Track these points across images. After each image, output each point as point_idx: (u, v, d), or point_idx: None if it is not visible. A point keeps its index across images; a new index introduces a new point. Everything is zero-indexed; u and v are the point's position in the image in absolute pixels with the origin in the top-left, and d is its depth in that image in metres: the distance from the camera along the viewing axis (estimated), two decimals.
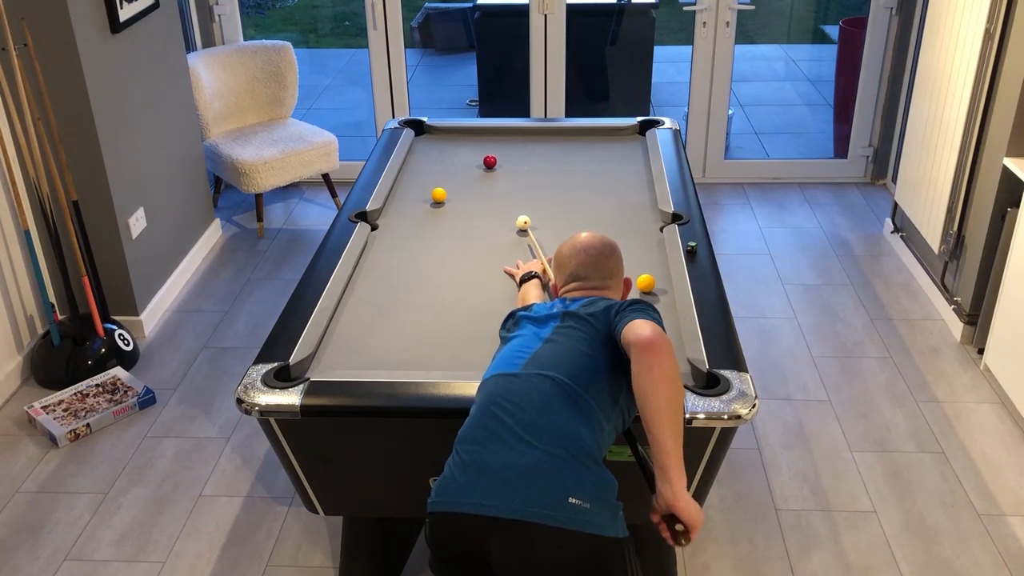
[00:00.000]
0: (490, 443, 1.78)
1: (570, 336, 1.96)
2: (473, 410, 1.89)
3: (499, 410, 1.83)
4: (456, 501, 1.73)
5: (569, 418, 1.80)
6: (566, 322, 2.01)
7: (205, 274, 4.33)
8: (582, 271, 2.21)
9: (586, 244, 2.23)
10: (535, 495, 1.69)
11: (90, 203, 3.57)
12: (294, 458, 2.15)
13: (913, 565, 2.68)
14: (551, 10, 4.80)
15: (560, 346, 1.94)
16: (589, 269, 2.20)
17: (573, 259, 2.22)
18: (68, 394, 3.39)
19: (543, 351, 1.94)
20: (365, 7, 4.80)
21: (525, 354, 1.95)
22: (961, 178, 3.69)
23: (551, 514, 1.68)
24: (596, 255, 2.22)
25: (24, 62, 3.27)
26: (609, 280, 2.20)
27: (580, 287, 2.20)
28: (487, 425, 1.82)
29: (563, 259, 2.25)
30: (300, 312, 2.38)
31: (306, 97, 7.00)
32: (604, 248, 2.24)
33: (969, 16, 3.59)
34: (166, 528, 2.85)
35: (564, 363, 1.90)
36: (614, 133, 3.65)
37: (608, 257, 2.22)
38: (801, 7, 9.15)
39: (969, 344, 3.68)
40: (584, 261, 2.21)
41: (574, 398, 1.84)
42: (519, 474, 1.72)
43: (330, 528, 2.84)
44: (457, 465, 1.79)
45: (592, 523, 1.69)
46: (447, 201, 3.10)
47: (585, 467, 1.75)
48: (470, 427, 1.85)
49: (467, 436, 1.83)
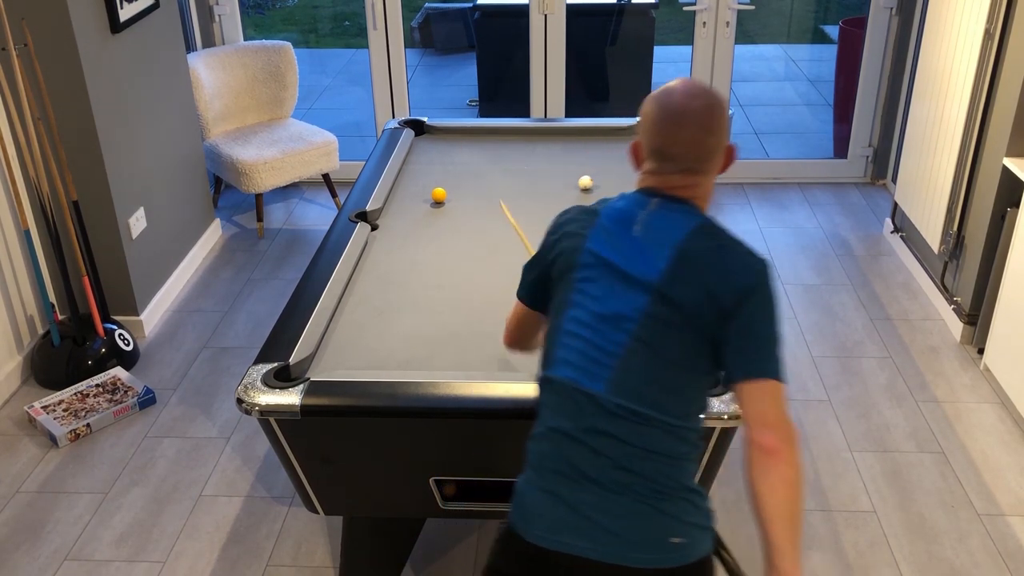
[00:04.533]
0: (583, 481, 1.60)
1: (665, 337, 1.60)
2: (550, 423, 1.65)
3: (589, 449, 1.60)
4: (548, 538, 1.60)
5: (668, 457, 1.61)
6: (659, 310, 1.60)
7: (205, 274, 4.33)
8: (670, 148, 1.64)
9: (679, 109, 1.62)
10: (634, 539, 1.58)
11: (90, 203, 3.57)
12: (294, 458, 2.15)
13: (913, 565, 2.68)
14: (551, 10, 4.80)
15: (652, 356, 1.60)
16: (681, 147, 1.63)
17: (659, 130, 1.64)
18: (68, 394, 3.39)
19: (632, 361, 1.60)
20: (365, 7, 4.80)
21: (609, 359, 1.62)
22: (961, 178, 3.69)
23: (652, 557, 1.58)
24: (695, 129, 1.62)
25: (24, 62, 3.27)
26: (707, 163, 1.65)
27: (663, 175, 1.67)
28: (575, 462, 1.61)
29: (647, 124, 1.67)
30: (300, 312, 2.38)
31: (306, 97, 7.00)
32: (705, 116, 1.62)
33: (969, 16, 3.59)
34: (166, 528, 2.85)
35: (658, 387, 1.60)
36: (614, 133, 3.65)
37: (710, 132, 1.62)
38: (801, 7, 9.15)
39: (969, 344, 3.68)
40: (675, 137, 1.63)
41: (671, 431, 1.61)
42: (616, 516, 1.58)
43: (330, 528, 2.84)
44: (544, 494, 1.62)
45: (691, 553, 1.60)
46: (447, 201, 3.10)
47: (684, 500, 1.62)
48: (554, 455, 1.63)
49: (552, 465, 1.63)
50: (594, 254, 1.68)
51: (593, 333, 1.64)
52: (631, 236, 1.66)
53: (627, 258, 1.64)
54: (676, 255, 1.62)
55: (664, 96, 1.66)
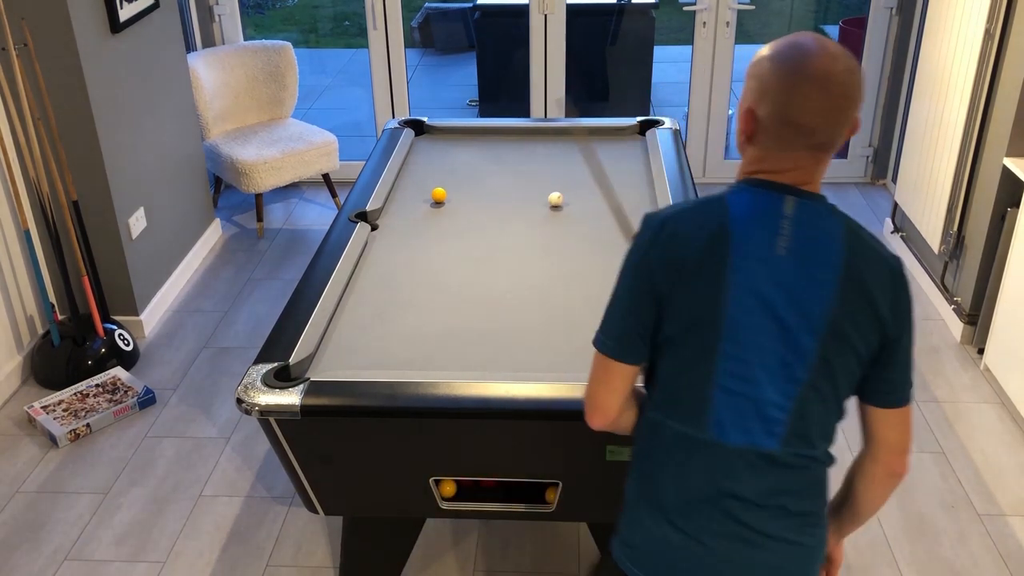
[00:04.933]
0: (764, 540, 1.46)
1: (836, 375, 1.41)
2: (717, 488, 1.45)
3: (770, 510, 1.45)
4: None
5: (820, 497, 1.51)
6: (830, 348, 1.37)
7: (205, 274, 4.33)
8: (805, 119, 1.32)
9: (822, 71, 1.30)
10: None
11: (90, 203, 3.57)
12: (294, 458, 2.15)
13: (913, 565, 2.68)
14: (551, 10, 4.80)
15: (823, 399, 1.43)
16: (819, 117, 1.31)
17: (792, 95, 1.31)
18: (68, 394, 3.39)
19: (805, 409, 1.42)
20: (365, 7, 4.80)
21: (781, 413, 1.41)
22: (961, 178, 3.69)
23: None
24: (839, 97, 1.31)
25: (24, 62, 3.27)
26: (841, 139, 1.37)
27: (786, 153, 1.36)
28: (755, 525, 1.46)
29: (771, 87, 1.34)
30: (300, 312, 2.38)
31: (306, 97, 7.00)
32: (852, 82, 1.32)
33: (969, 16, 3.59)
34: (166, 528, 2.85)
35: (827, 424, 1.47)
36: (614, 133, 3.65)
37: (855, 102, 1.33)
38: (801, 7, 9.14)
39: (969, 344, 3.68)
40: (814, 105, 1.31)
41: (829, 458, 1.51)
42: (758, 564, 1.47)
43: (330, 528, 2.84)
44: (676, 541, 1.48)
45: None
46: (447, 201, 3.10)
47: (823, 542, 1.54)
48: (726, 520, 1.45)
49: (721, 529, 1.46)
50: (742, 288, 1.37)
51: (756, 388, 1.40)
52: (776, 257, 1.36)
53: (786, 290, 1.36)
54: (841, 277, 1.36)
55: (796, 53, 1.32)
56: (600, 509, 2.22)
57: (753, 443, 1.43)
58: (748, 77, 1.39)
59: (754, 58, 1.39)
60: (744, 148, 1.43)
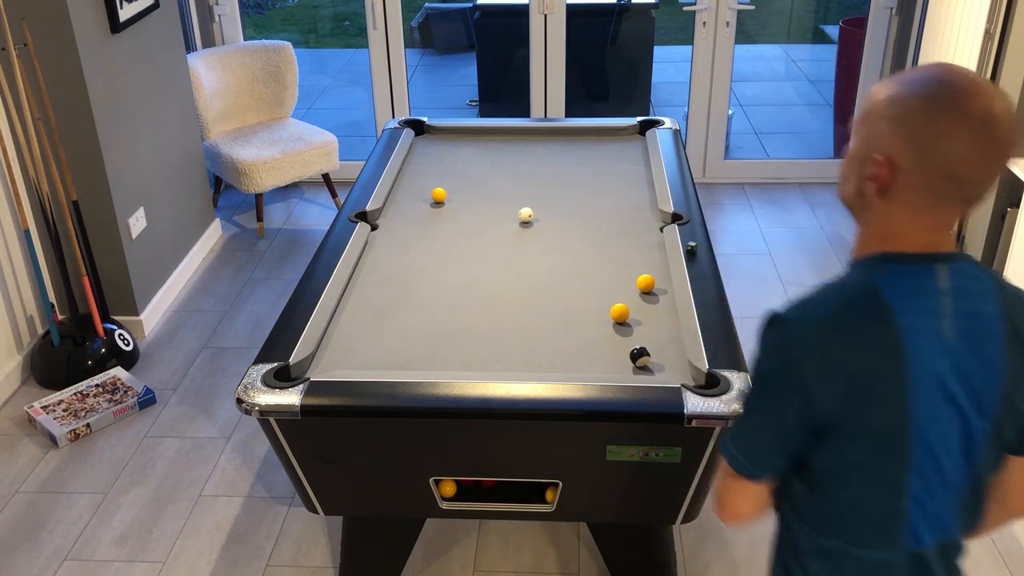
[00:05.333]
0: None
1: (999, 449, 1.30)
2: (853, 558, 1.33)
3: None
4: None
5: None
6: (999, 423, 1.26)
7: (205, 274, 4.33)
8: (973, 173, 1.14)
9: (989, 115, 1.12)
10: None
11: (90, 203, 3.57)
12: (294, 458, 2.15)
13: None
14: (551, 10, 4.80)
15: (992, 469, 1.31)
16: (988, 170, 1.15)
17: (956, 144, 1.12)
18: (68, 394, 3.39)
19: (979, 484, 1.30)
20: (365, 7, 4.80)
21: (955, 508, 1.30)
22: None
23: None
24: (1008, 144, 1.14)
25: (24, 62, 3.27)
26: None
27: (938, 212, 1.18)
28: None
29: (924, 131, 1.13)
30: (300, 312, 2.38)
31: (306, 97, 7.00)
32: (1011, 121, 1.15)
33: (969, 16, 3.59)
34: (166, 528, 2.85)
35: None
36: (614, 133, 3.65)
37: (1016, 142, 1.16)
38: (801, 7, 9.14)
39: None
40: (986, 156, 1.13)
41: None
42: None
43: (330, 528, 2.84)
44: None
45: None
46: (447, 201, 3.10)
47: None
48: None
49: None
50: (926, 392, 1.21)
51: (949, 487, 1.28)
52: (946, 344, 1.20)
53: (964, 380, 1.22)
54: (1006, 343, 1.23)
55: (951, 92, 1.12)
56: (600, 509, 2.22)
57: (946, 537, 1.33)
58: (880, 119, 1.18)
59: (881, 96, 1.19)
60: (870, 203, 1.23)
